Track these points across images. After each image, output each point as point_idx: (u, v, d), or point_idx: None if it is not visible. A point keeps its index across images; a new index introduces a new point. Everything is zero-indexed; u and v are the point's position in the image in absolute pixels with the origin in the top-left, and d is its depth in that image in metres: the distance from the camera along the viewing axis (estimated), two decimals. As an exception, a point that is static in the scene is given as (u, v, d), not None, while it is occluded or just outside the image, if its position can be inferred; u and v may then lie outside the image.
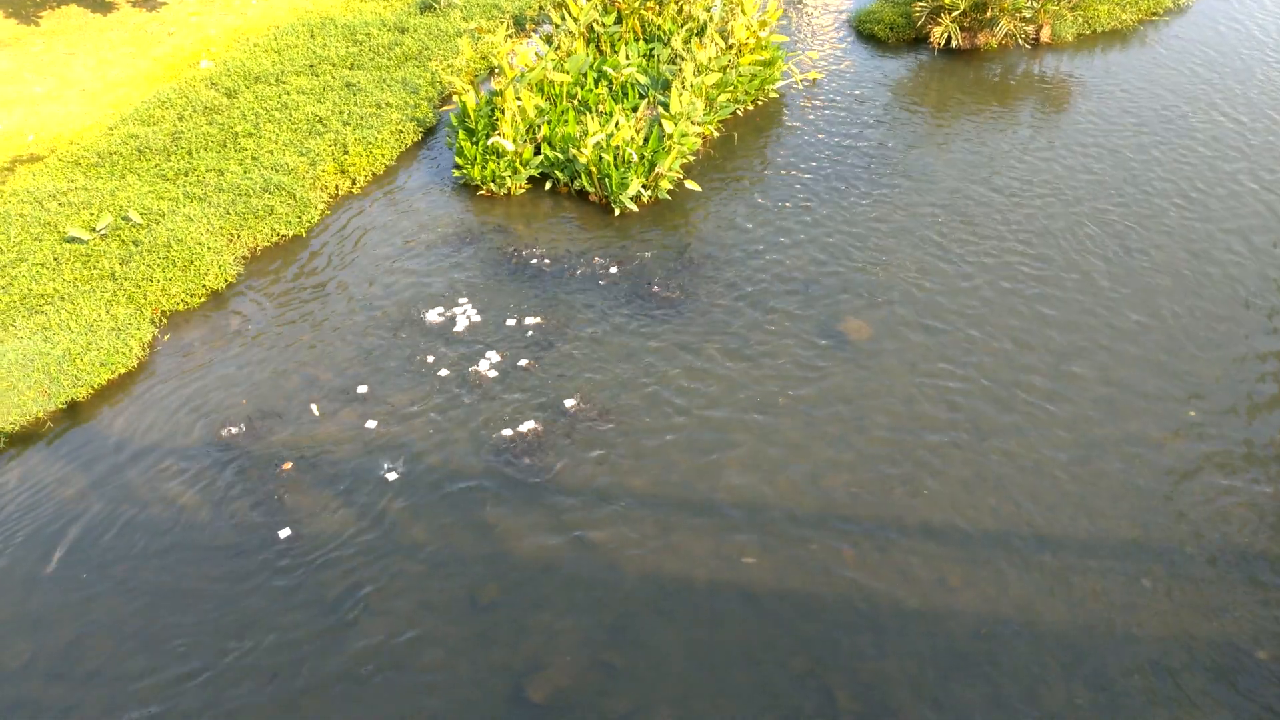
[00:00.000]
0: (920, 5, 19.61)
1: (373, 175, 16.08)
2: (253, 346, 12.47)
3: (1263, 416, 10.90)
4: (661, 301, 12.87)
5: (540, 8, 21.54)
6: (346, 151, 15.97)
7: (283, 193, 14.82)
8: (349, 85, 17.88)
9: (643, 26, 18.40)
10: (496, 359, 12.00)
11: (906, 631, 8.85)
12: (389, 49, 19.28)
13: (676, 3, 18.38)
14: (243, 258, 14.09)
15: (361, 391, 11.67)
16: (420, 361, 12.03)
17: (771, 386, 11.47)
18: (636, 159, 14.79)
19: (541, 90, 16.48)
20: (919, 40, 20.16)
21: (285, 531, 9.96)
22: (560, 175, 15.35)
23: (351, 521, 10.03)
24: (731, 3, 17.62)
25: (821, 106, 17.79)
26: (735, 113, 17.54)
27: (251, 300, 13.33)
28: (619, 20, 18.37)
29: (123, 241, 13.86)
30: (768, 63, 17.62)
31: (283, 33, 20.05)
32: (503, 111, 15.49)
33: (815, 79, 18.72)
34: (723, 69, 16.81)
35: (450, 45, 19.52)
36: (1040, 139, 16.45)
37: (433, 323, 12.67)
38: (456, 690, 8.52)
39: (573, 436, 10.89)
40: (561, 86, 16.36)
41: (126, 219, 14.17)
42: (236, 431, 11.16)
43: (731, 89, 17.05)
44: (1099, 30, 20.41)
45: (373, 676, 8.63)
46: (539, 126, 15.76)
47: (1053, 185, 15.09)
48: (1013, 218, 14.33)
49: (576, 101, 16.36)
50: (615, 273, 13.46)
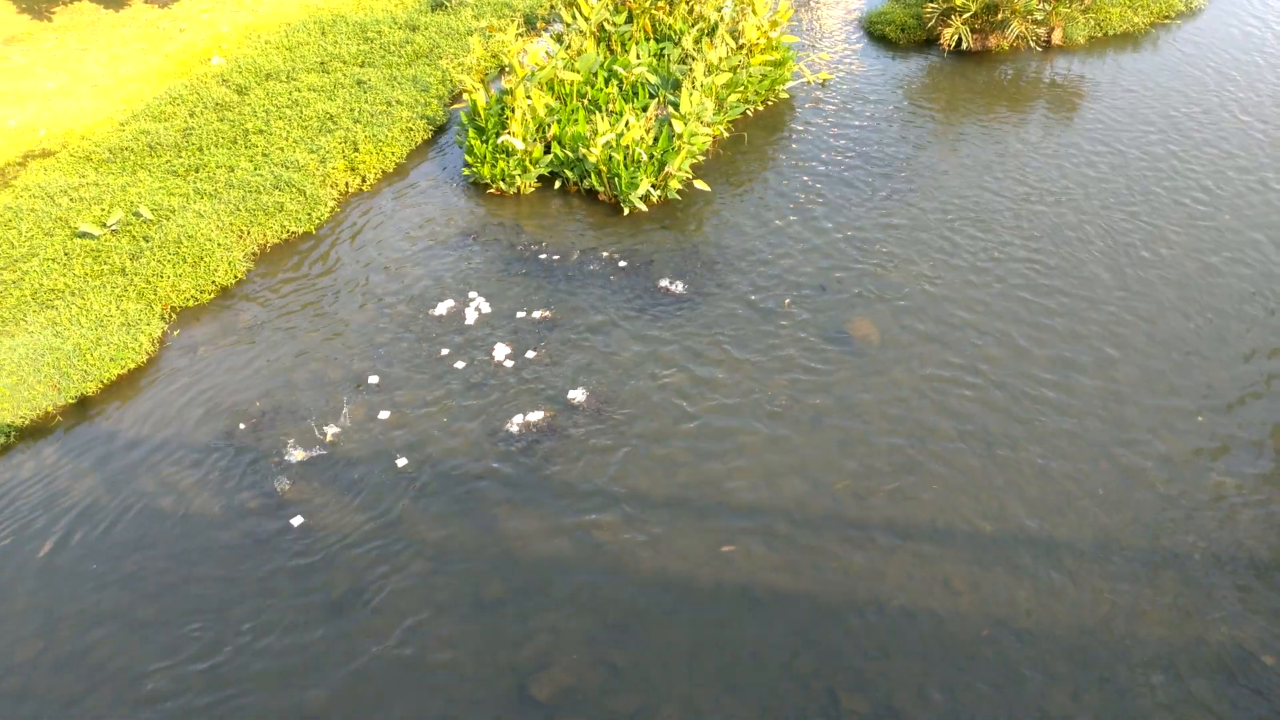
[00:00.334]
0: (931, 7, 19.58)
1: (383, 173, 16.12)
2: (262, 342, 12.52)
3: (1272, 422, 10.86)
4: (670, 300, 12.88)
5: (551, 7, 21.56)
6: (357, 149, 16.01)
7: (293, 190, 14.87)
8: (360, 83, 17.92)
9: (653, 26, 18.40)
10: (506, 352, 12.03)
11: (911, 633, 8.85)
12: (400, 47, 19.32)
13: (687, 2, 18.36)
14: (253, 254, 14.14)
15: (372, 382, 11.71)
16: (430, 354, 12.06)
17: (778, 387, 11.47)
18: (646, 159, 14.79)
19: (552, 89, 16.49)
20: (930, 42, 20.13)
21: (298, 519, 10.02)
22: (570, 174, 15.37)
23: (360, 518, 10.07)
24: (742, 3, 17.61)
25: (832, 107, 17.77)
26: (745, 113, 17.54)
27: (261, 296, 13.38)
28: (630, 20, 18.37)
29: (133, 237, 13.92)
30: (778, 63, 17.61)
31: (294, 30, 20.11)
32: (513, 110, 15.51)
33: (826, 80, 18.70)
34: (733, 69, 16.81)
35: (461, 43, 19.56)
36: (1051, 141, 16.41)
37: (442, 316, 12.70)
38: (461, 688, 8.54)
39: (580, 433, 10.91)
40: (572, 85, 16.37)
41: (137, 215, 14.22)
42: (246, 426, 11.21)
43: (742, 89, 17.04)
44: (1110, 33, 20.36)
45: (378, 673, 8.67)
46: (549, 125, 15.77)
47: (1063, 188, 15.06)
48: (1022, 220, 14.30)
49: (587, 101, 16.37)
50: (624, 270, 13.48)
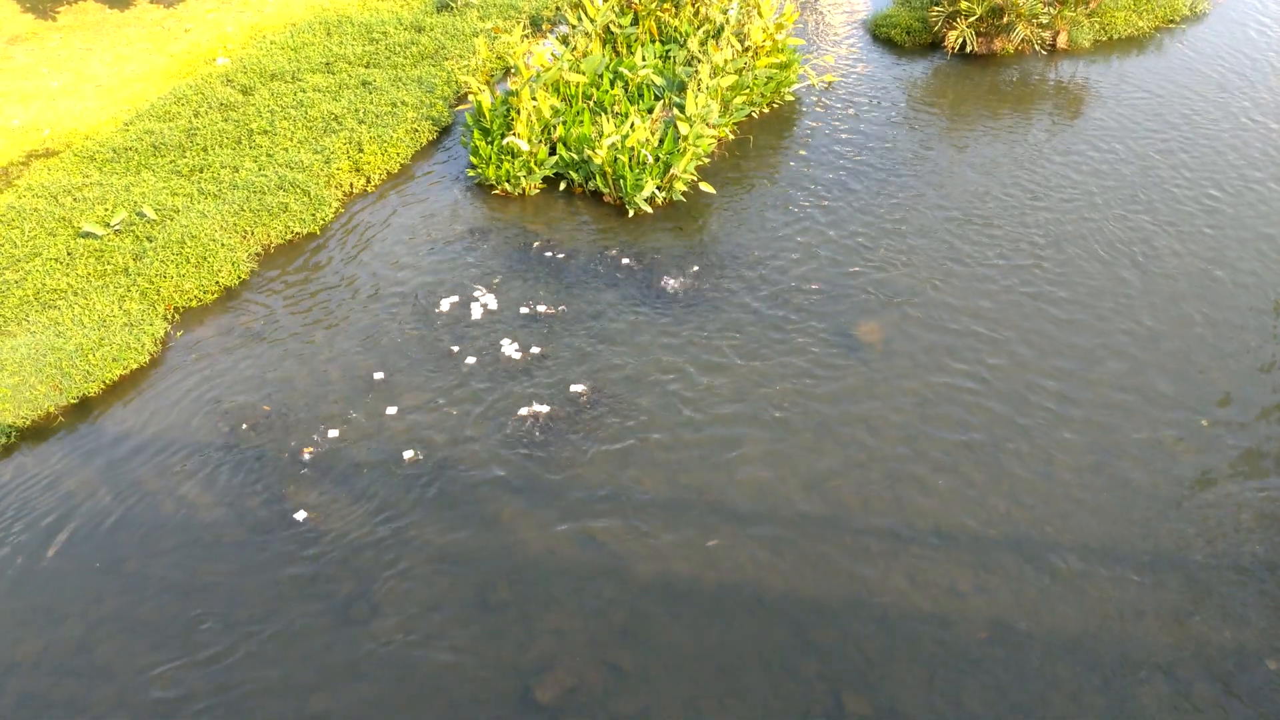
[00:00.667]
0: (937, 10, 19.56)
1: (387, 173, 16.09)
2: (265, 342, 12.49)
3: (1276, 427, 10.81)
4: (675, 301, 12.85)
5: (557, 8, 21.56)
6: (361, 150, 15.99)
7: (297, 190, 14.85)
8: (365, 83, 17.91)
9: (659, 28, 18.39)
10: (512, 350, 12.00)
11: (916, 635, 8.80)
12: (405, 48, 19.31)
13: (693, 4, 18.37)
14: (256, 254, 14.11)
15: (377, 379, 11.68)
16: (436, 352, 12.02)
17: (784, 387, 11.43)
18: (651, 160, 14.76)
19: (557, 91, 16.47)
20: (935, 45, 20.11)
21: (302, 520, 10.00)
22: (575, 176, 15.34)
23: (365, 518, 10.03)
24: (748, 5, 17.61)
25: (837, 110, 17.74)
26: (751, 115, 17.51)
27: (265, 296, 13.35)
28: (635, 21, 18.36)
29: (137, 237, 13.90)
30: (784, 65, 17.59)
31: (299, 30, 20.11)
32: (518, 111, 15.48)
33: (831, 82, 18.68)
34: (739, 71, 16.79)
35: (467, 45, 19.55)
36: (1056, 144, 16.37)
37: (447, 315, 12.67)
38: (464, 690, 8.50)
39: (584, 435, 10.87)
40: (577, 87, 16.35)
41: (141, 215, 14.21)
42: (250, 426, 11.18)
43: (747, 91, 17.02)
44: (1115, 37, 20.33)
45: (381, 675, 8.63)
46: (554, 127, 15.75)
47: (1068, 190, 15.02)
48: (1028, 222, 14.26)
49: (592, 102, 16.35)
50: (629, 271, 13.44)
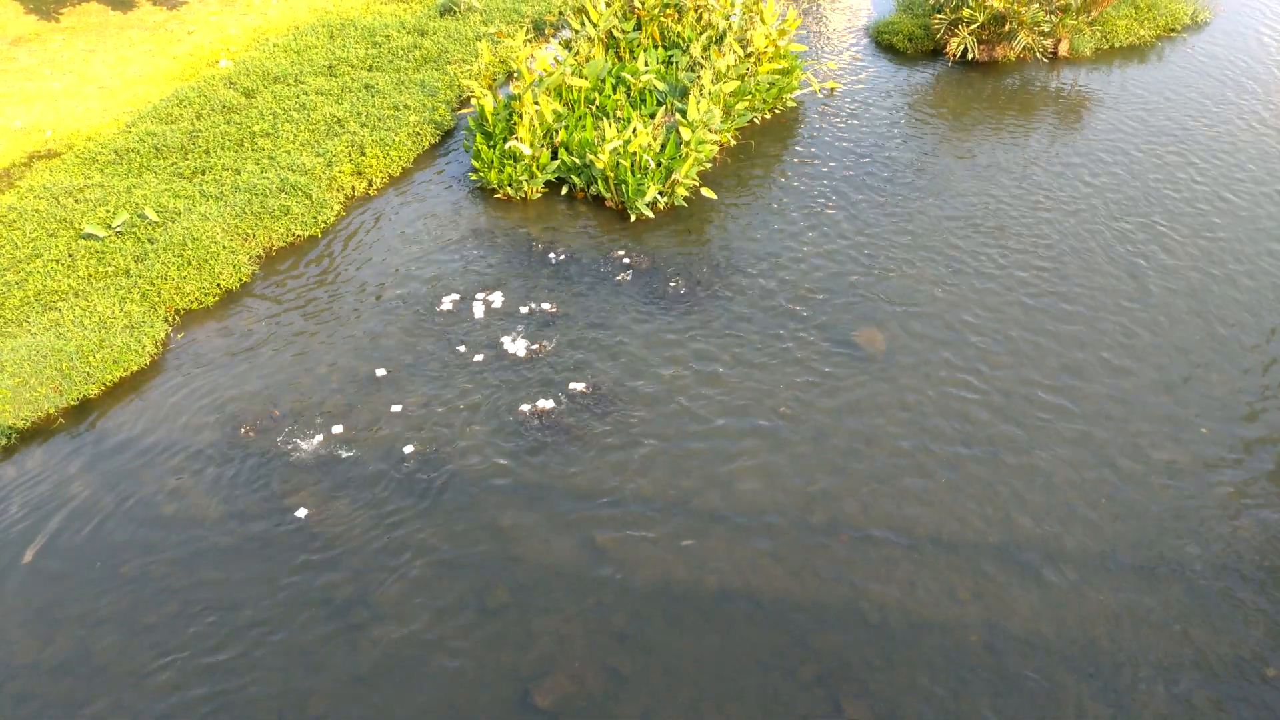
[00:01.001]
0: (939, 17, 19.59)
1: (389, 177, 16.09)
2: (266, 344, 12.47)
3: (1275, 435, 10.84)
4: (676, 304, 12.84)
5: (560, 13, 21.58)
6: (363, 153, 15.99)
7: (299, 193, 14.84)
8: (367, 87, 17.91)
9: (662, 33, 18.40)
10: (512, 351, 11.99)
11: (915, 641, 8.78)
12: (408, 51, 19.33)
13: (696, 10, 18.38)
14: (257, 257, 14.11)
15: (378, 378, 11.68)
16: (436, 354, 12.01)
17: (784, 392, 11.42)
18: (653, 165, 14.76)
19: (559, 95, 16.48)
20: (937, 52, 20.14)
21: (301, 521, 9.99)
22: (577, 180, 15.34)
23: (364, 520, 10.01)
24: (751, 11, 17.62)
25: (839, 116, 17.75)
26: (752, 121, 17.52)
27: (265, 299, 13.34)
28: (638, 27, 18.38)
29: (138, 239, 13.89)
30: (786, 71, 17.60)
31: (302, 33, 20.13)
32: (520, 116, 15.49)
33: (833, 88, 18.69)
34: (741, 77, 16.80)
35: (469, 49, 19.56)
36: (1058, 151, 16.37)
37: (447, 317, 12.66)
38: (463, 693, 8.47)
39: (585, 438, 10.85)
40: (580, 92, 16.36)
41: (142, 217, 14.20)
42: (250, 427, 11.16)
43: (749, 97, 17.03)
44: (1117, 45, 20.35)
45: (380, 678, 8.61)
46: (556, 131, 15.76)
47: (1069, 198, 15.02)
48: (1030, 228, 14.26)
49: (594, 107, 16.36)
50: (630, 275, 13.44)
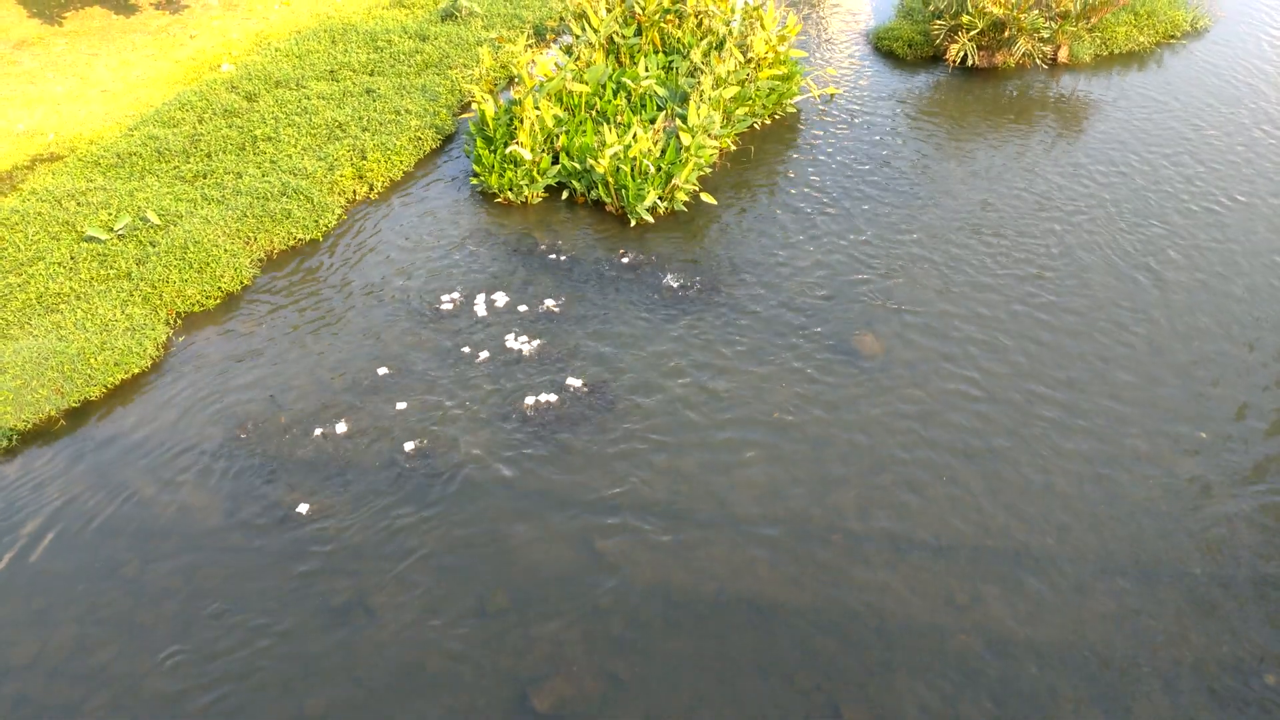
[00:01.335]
0: (939, 23, 19.64)
1: (390, 181, 16.14)
2: (267, 346, 12.50)
3: (1276, 440, 10.83)
4: (676, 308, 12.87)
5: (561, 18, 21.63)
6: (365, 157, 16.04)
7: (300, 197, 14.88)
8: (369, 91, 17.96)
9: (662, 39, 18.46)
10: (511, 354, 12.01)
11: (914, 647, 8.79)
12: (409, 56, 19.38)
13: (696, 16, 18.44)
14: (259, 260, 14.14)
15: (380, 377, 11.69)
16: (436, 356, 12.04)
17: (785, 395, 11.44)
18: (653, 170, 14.80)
19: (560, 100, 16.53)
20: (936, 58, 20.19)
21: (300, 525, 10.00)
22: (577, 185, 15.38)
23: (364, 523, 10.02)
24: (751, 17, 17.68)
25: (838, 122, 17.80)
26: (753, 126, 17.57)
27: (267, 302, 13.38)
28: (639, 32, 18.43)
29: (140, 242, 13.93)
30: (786, 77, 17.65)
31: (304, 38, 20.18)
32: (521, 120, 15.54)
33: (833, 94, 18.74)
34: (741, 83, 16.85)
35: (470, 54, 19.62)
36: (1058, 156, 16.41)
37: (448, 320, 12.69)
38: (461, 698, 8.49)
39: (585, 438, 10.87)
40: (580, 97, 16.40)
41: (144, 220, 14.24)
42: (251, 430, 11.18)
43: (749, 103, 17.08)
44: (1116, 52, 20.42)
45: (378, 681, 8.62)
46: (557, 136, 15.80)
47: (1071, 204, 15.05)
48: (1031, 234, 14.29)
49: (595, 112, 16.40)
50: (630, 281, 13.47)
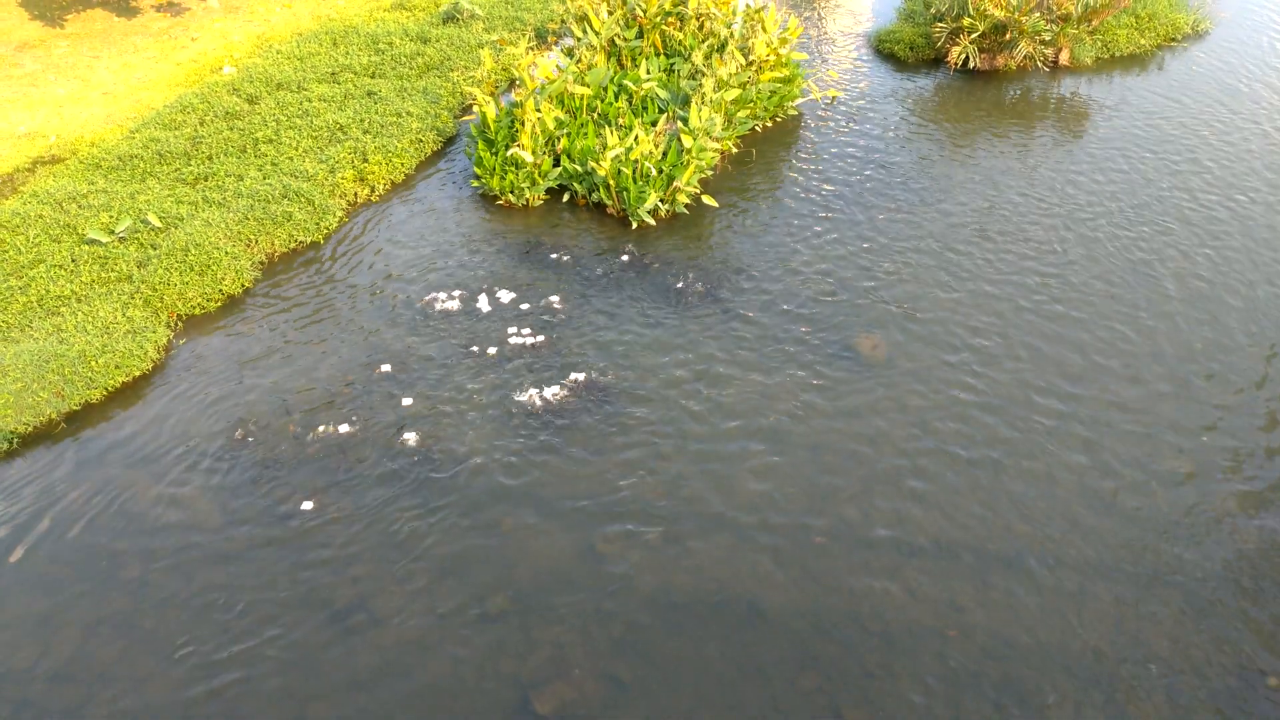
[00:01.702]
0: (940, 26, 19.64)
1: (392, 183, 16.14)
2: (268, 348, 12.49)
3: (1277, 441, 10.85)
4: (677, 311, 12.86)
5: (562, 21, 21.64)
6: (366, 159, 16.03)
7: (301, 199, 14.88)
8: (370, 94, 17.96)
9: (664, 42, 18.46)
10: (513, 352, 12.00)
11: (916, 651, 8.77)
12: (411, 59, 19.39)
13: (698, 19, 18.44)
14: (260, 263, 14.14)
15: (382, 374, 11.68)
16: (436, 353, 12.03)
17: (784, 401, 11.43)
18: (655, 173, 14.80)
19: (561, 103, 16.53)
20: (938, 60, 20.20)
21: (301, 527, 9.98)
22: (578, 187, 15.38)
23: (366, 526, 10.01)
24: (752, 20, 17.68)
25: (840, 124, 17.79)
26: (754, 129, 17.56)
27: (268, 304, 13.37)
28: (640, 35, 18.43)
29: (141, 245, 13.92)
30: (787, 80, 17.65)
31: (305, 40, 20.19)
32: (522, 123, 15.53)
33: (834, 97, 18.74)
34: (742, 85, 16.84)
35: (472, 56, 19.62)
36: (1059, 159, 16.40)
37: (448, 321, 12.68)
38: (463, 701, 8.47)
39: (586, 442, 10.86)
40: (581, 99, 16.40)
41: (145, 222, 14.24)
42: (252, 433, 11.17)
43: (751, 105, 17.08)
44: (1118, 55, 20.41)
45: (380, 684, 8.61)
46: (558, 139, 15.80)
47: (1073, 206, 15.04)
48: (1033, 237, 14.28)
49: (596, 115, 16.40)
50: (632, 283, 13.46)
